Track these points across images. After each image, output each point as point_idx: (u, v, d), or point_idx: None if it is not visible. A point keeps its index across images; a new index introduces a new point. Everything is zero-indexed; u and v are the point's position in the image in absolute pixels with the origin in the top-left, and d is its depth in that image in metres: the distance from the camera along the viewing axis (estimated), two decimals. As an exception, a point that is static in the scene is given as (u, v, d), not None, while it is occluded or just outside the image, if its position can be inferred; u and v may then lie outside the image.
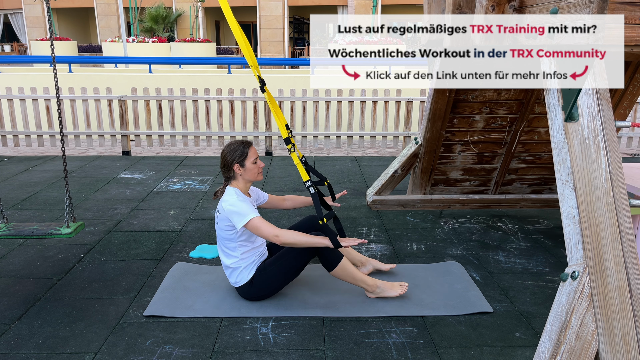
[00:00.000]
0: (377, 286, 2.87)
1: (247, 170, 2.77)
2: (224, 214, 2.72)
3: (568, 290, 2.01)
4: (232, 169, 2.76)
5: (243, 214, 2.66)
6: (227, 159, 2.75)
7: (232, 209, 2.68)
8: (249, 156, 2.76)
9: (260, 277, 2.80)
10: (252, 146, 2.81)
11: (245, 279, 2.81)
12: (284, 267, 2.79)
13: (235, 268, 2.82)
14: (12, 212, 4.39)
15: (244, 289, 2.84)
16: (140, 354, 2.40)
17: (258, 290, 2.83)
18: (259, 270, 2.81)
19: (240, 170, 2.76)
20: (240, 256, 2.80)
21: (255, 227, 2.66)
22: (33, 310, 2.79)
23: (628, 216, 2.05)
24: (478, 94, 3.99)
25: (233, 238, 2.76)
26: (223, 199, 2.76)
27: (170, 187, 5.21)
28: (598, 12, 2.06)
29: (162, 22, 23.40)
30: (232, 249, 2.80)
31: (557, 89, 2.28)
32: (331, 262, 2.77)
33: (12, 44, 26.77)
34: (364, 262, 3.20)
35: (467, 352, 2.44)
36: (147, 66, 10.33)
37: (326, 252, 2.75)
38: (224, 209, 2.72)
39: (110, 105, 6.77)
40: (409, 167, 4.45)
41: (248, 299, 2.87)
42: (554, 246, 3.76)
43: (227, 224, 2.74)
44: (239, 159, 2.74)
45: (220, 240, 2.85)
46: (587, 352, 1.95)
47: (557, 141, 2.23)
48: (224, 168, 2.79)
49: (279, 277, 2.80)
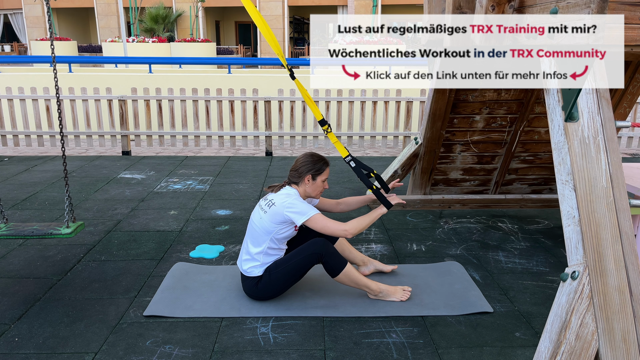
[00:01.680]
0: (380, 291, 2.87)
1: (315, 185, 2.84)
2: (279, 209, 2.74)
3: (568, 290, 2.01)
4: (303, 177, 2.81)
5: (304, 211, 2.71)
6: (304, 167, 2.81)
7: (294, 204, 2.73)
8: (323, 174, 2.84)
9: (266, 278, 2.80)
10: (329, 166, 2.89)
11: (256, 273, 2.82)
12: (288, 271, 2.79)
13: (255, 259, 2.82)
14: (12, 212, 4.39)
15: (250, 283, 2.84)
16: (140, 354, 2.40)
17: (261, 290, 2.83)
18: (267, 270, 2.81)
19: (309, 183, 2.83)
20: (265, 250, 2.81)
21: (319, 226, 2.71)
22: (33, 310, 2.79)
23: (628, 216, 2.05)
24: (478, 94, 3.99)
25: (271, 231, 2.77)
26: (282, 194, 2.80)
27: (170, 187, 5.21)
28: (598, 12, 2.05)
29: (162, 22, 23.39)
30: (263, 241, 2.80)
31: (557, 89, 2.28)
32: (335, 269, 2.78)
33: (12, 44, 26.77)
34: (366, 262, 3.20)
35: (467, 352, 2.44)
36: (147, 66, 10.34)
37: (330, 260, 2.76)
38: (282, 202, 2.75)
39: (110, 105, 6.77)
40: (409, 167, 4.45)
41: (250, 295, 2.88)
42: (554, 246, 3.76)
43: (279, 219, 2.74)
44: (315, 172, 2.82)
45: (257, 229, 2.82)
46: (587, 352, 1.95)
47: (557, 141, 2.23)
48: (296, 172, 2.83)
49: (282, 280, 2.81)
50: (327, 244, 2.78)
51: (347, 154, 2.89)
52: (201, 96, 6.76)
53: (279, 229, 2.77)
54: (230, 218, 4.30)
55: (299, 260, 2.77)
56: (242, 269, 2.88)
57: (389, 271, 3.22)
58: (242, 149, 7.30)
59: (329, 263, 2.77)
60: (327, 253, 2.75)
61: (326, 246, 2.77)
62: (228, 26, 28.71)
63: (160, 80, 8.58)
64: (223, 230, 4.02)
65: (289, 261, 2.79)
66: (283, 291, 2.88)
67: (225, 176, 5.69)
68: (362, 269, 3.17)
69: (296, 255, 2.78)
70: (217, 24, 28.11)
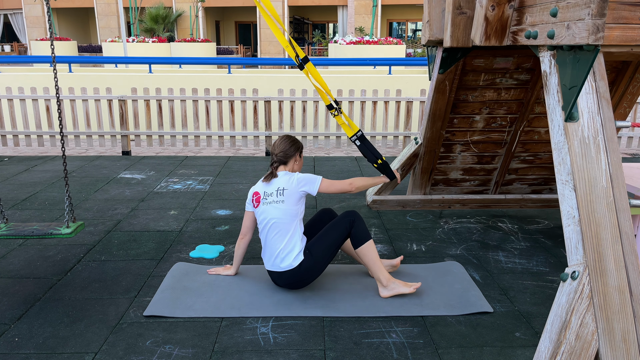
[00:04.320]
0: (392, 281, 2.92)
1: (301, 161, 3.09)
2: (294, 188, 2.90)
3: (568, 290, 2.01)
4: (294, 156, 3.01)
5: (313, 180, 2.91)
6: (292, 147, 3.00)
7: (302, 178, 2.91)
8: (302, 150, 3.09)
9: (309, 260, 2.86)
10: None
11: (296, 263, 2.86)
12: (328, 245, 2.89)
13: (293, 250, 2.86)
14: (12, 212, 4.39)
15: (291, 273, 2.88)
16: (140, 354, 2.40)
17: (306, 272, 2.87)
18: (307, 251, 2.88)
19: (299, 160, 3.06)
20: (298, 234, 2.90)
21: (327, 185, 2.92)
22: (33, 310, 2.79)
23: (628, 216, 2.05)
24: (478, 94, 3.99)
25: (297, 214, 2.90)
26: (283, 179, 2.93)
27: (170, 187, 5.21)
28: (598, 12, 2.06)
29: (162, 22, 23.39)
30: (292, 229, 2.88)
31: (557, 89, 2.28)
32: (360, 239, 2.91)
33: (12, 44, 26.77)
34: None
35: (467, 352, 2.44)
36: (147, 66, 10.33)
37: (359, 226, 2.91)
38: (293, 184, 2.90)
39: (110, 105, 6.77)
40: (409, 167, 4.45)
41: (293, 286, 2.94)
42: (554, 246, 3.76)
43: (297, 198, 2.90)
44: (300, 150, 3.05)
45: (280, 223, 2.88)
46: (587, 352, 1.95)
47: (557, 141, 2.23)
48: (286, 154, 2.99)
49: (324, 256, 2.89)
50: (357, 213, 2.95)
51: (354, 133, 3.10)
52: (201, 96, 6.76)
53: (299, 207, 2.92)
54: (230, 218, 4.30)
55: (334, 231, 2.89)
56: (281, 267, 2.89)
57: (397, 264, 3.24)
58: (242, 149, 7.31)
59: (358, 230, 2.89)
60: (358, 219, 2.91)
61: (357, 214, 2.94)
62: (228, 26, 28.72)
63: (160, 80, 8.57)
64: (223, 230, 4.02)
65: (326, 235, 2.90)
66: (324, 268, 2.94)
67: (225, 176, 5.69)
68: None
69: (330, 228, 2.91)
70: (217, 24, 28.11)
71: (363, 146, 3.11)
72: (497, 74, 3.87)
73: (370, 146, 3.12)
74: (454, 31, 3.22)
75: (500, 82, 3.93)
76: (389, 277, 2.92)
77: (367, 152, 3.10)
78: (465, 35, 3.23)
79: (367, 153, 3.10)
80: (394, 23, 28.00)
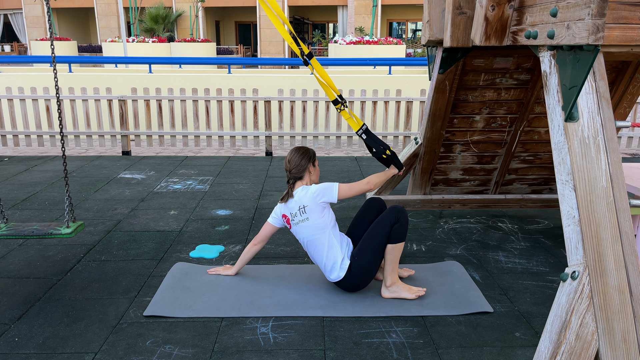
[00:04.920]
0: (397, 284, 2.92)
1: (317, 170, 3.02)
2: (313, 204, 2.86)
3: (568, 290, 2.01)
4: (307, 169, 2.95)
5: (330, 188, 2.87)
6: (304, 159, 2.95)
7: (318, 190, 2.87)
8: (316, 159, 3.02)
9: (357, 264, 2.85)
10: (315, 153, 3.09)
11: (345, 271, 2.86)
12: (374, 246, 2.85)
13: (334, 261, 2.87)
14: (12, 212, 4.39)
15: (346, 282, 2.89)
16: (140, 354, 2.40)
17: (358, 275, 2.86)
18: (352, 257, 2.87)
19: (313, 170, 2.99)
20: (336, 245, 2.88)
21: (346, 189, 2.88)
22: (33, 310, 2.79)
23: (628, 216, 2.05)
24: (478, 94, 3.99)
25: (326, 225, 2.88)
26: (302, 194, 2.89)
27: (170, 187, 5.21)
28: (598, 12, 2.05)
29: (162, 22, 23.38)
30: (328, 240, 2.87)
31: (557, 89, 2.28)
32: (394, 238, 2.84)
33: (12, 44, 26.77)
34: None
35: (467, 352, 2.44)
36: (147, 66, 10.33)
37: (403, 224, 2.85)
38: (310, 198, 2.87)
39: (110, 105, 6.77)
40: (409, 167, 4.45)
41: (351, 289, 2.94)
42: (554, 246, 3.76)
43: (319, 210, 2.87)
44: (312, 159, 2.98)
45: (312, 237, 2.89)
46: (587, 352, 1.95)
47: (557, 141, 2.23)
48: (299, 168, 2.94)
49: (373, 255, 2.85)
50: (405, 210, 2.91)
51: (359, 127, 3.11)
52: (201, 96, 6.76)
53: (326, 218, 2.88)
54: (230, 218, 4.30)
55: (381, 229, 2.85)
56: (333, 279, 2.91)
57: (406, 276, 3.18)
58: (242, 149, 7.31)
59: (399, 229, 2.84)
60: (403, 217, 2.86)
61: (404, 212, 2.89)
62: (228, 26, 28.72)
63: (160, 80, 8.57)
64: (223, 230, 4.02)
65: (372, 235, 2.86)
66: (376, 269, 2.91)
67: (225, 176, 5.69)
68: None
69: (377, 226, 2.87)
70: (217, 24, 28.10)
71: (370, 139, 3.11)
72: (497, 74, 3.87)
73: (377, 138, 3.13)
74: (454, 31, 3.22)
75: (500, 82, 3.93)
76: (396, 280, 2.91)
77: (375, 144, 3.10)
78: (465, 35, 3.23)
79: (374, 145, 3.10)
80: (394, 23, 28.00)
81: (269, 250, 3.60)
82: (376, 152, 3.10)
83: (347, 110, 3.16)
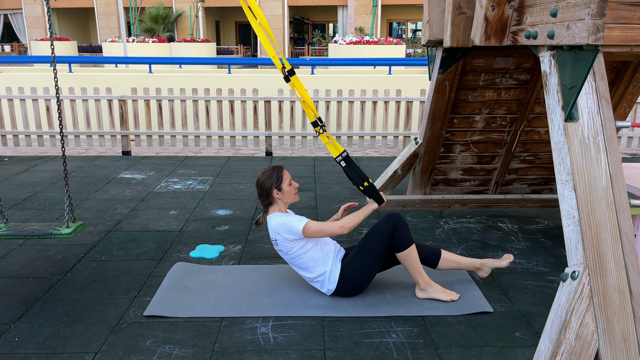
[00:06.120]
0: (430, 285, 2.88)
1: (285, 193, 2.86)
2: (281, 238, 2.80)
3: (568, 290, 2.01)
4: (271, 194, 2.84)
5: (295, 225, 2.75)
6: (265, 185, 2.84)
7: (283, 225, 2.77)
8: (284, 179, 2.85)
9: (350, 273, 2.82)
10: (284, 169, 2.91)
11: (335, 282, 2.84)
12: (368, 255, 2.81)
13: (322, 277, 2.85)
14: (12, 212, 4.39)
15: (341, 290, 2.87)
16: (140, 354, 2.40)
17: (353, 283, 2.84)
18: (345, 266, 2.83)
19: (279, 195, 2.85)
20: (320, 264, 2.84)
21: (315, 231, 2.75)
22: (33, 310, 2.79)
23: (628, 216, 2.05)
24: (478, 94, 3.99)
25: (303, 253, 2.81)
26: (271, 225, 2.83)
27: (170, 187, 5.21)
28: (598, 12, 2.06)
29: (162, 22, 23.39)
30: (308, 261, 2.83)
31: (557, 89, 2.28)
32: (401, 246, 2.79)
33: (12, 44, 26.77)
34: (479, 267, 3.06)
35: (467, 352, 2.44)
36: (147, 66, 10.33)
37: (403, 231, 2.79)
38: (277, 232, 2.80)
39: (110, 105, 6.77)
40: (409, 167, 4.45)
41: (346, 294, 2.90)
42: (554, 246, 3.76)
43: (288, 244, 2.80)
44: (276, 183, 2.83)
45: (293, 263, 2.88)
46: (587, 352, 1.95)
47: (557, 141, 2.23)
48: (263, 195, 2.86)
49: (367, 264, 2.82)
50: (401, 216, 2.83)
51: (339, 153, 2.89)
52: (201, 96, 6.76)
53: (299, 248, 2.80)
54: (230, 218, 4.30)
55: (374, 238, 2.80)
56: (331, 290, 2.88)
57: (505, 266, 3.04)
58: (242, 149, 7.31)
59: (400, 236, 2.78)
60: (401, 223, 2.79)
61: (400, 217, 2.81)
62: (228, 26, 28.72)
63: (160, 80, 8.57)
64: (223, 230, 4.02)
65: (365, 244, 2.82)
66: (373, 275, 2.86)
67: (225, 176, 5.69)
68: (480, 273, 3.06)
69: (370, 235, 2.82)
70: (217, 24, 28.10)
71: (348, 167, 2.88)
72: (497, 74, 3.87)
73: (356, 167, 2.90)
74: (454, 31, 3.22)
75: (500, 82, 3.93)
76: (428, 281, 2.88)
77: (353, 174, 2.88)
78: (465, 35, 3.23)
79: (352, 175, 2.88)
80: (394, 23, 28.01)
81: (268, 250, 3.61)
82: (354, 182, 2.90)
83: (325, 135, 2.91)
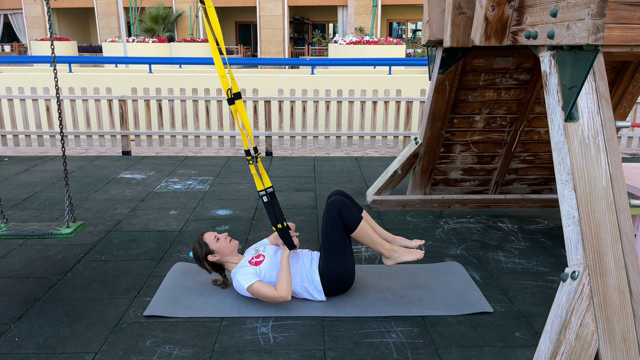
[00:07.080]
0: (394, 251, 2.90)
1: (220, 250, 2.89)
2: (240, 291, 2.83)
3: (568, 290, 2.01)
4: (212, 261, 2.90)
5: (242, 284, 2.75)
6: (201, 259, 2.90)
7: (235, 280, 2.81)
8: (208, 242, 2.89)
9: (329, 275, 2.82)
10: (204, 233, 2.95)
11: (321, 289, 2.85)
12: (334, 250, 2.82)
13: (306, 293, 2.86)
14: (12, 212, 4.39)
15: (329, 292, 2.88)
16: (140, 354, 2.40)
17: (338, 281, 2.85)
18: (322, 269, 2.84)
19: (217, 256, 2.89)
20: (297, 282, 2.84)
21: (255, 291, 2.73)
22: (33, 310, 2.79)
23: (628, 216, 2.05)
24: (478, 94, 3.99)
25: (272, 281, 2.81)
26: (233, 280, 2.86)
27: (170, 187, 5.21)
28: (598, 12, 2.06)
29: (162, 22, 23.39)
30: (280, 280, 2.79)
31: (557, 89, 2.28)
32: (351, 226, 2.82)
33: (12, 44, 26.77)
34: (390, 240, 3.11)
35: (467, 352, 2.44)
36: (147, 66, 10.33)
37: (347, 213, 2.81)
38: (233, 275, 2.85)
39: (110, 105, 6.77)
40: (409, 167, 4.45)
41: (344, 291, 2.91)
42: (554, 246, 3.76)
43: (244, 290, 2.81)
44: (205, 249, 2.88)
45: None
46: (587, 352, 1.95)
47: (557, 141, 2.23)
48: (211, 266, 2.93)
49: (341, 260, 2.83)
50: (340, 199, 2.85)
51: (264, 188, 2.86)
52: (201, 96, 6.76)
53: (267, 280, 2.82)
54: (230, 218, 4.30)
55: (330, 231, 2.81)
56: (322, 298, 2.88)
57: (415, 246, 3.05)
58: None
59: (347, 217, 2.80)
60: (343, 205, 2.81)
61: (340, 200, 2.84)
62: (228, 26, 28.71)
63: (160, 80, 8.57)
64: (223, 230, 4.02)
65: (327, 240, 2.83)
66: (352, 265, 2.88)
67: (225, 176, 5.69)
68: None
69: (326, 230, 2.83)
70: (217, 24, 28.05)
71: (269, 205, 2.85)
72: (497, 74, 3.87)
73: (277, 207, 2.87)
74: (454, 31, 3.22)
75: (500, 82, 3.93)
76: (390, 247, 2.90)
77: (271, 212, 2.85)
78: (465, 35, 3.23)
79: (270, 213, 2.86)
80: (394, 23, 28.00)
81: (269, 250, 3.60)
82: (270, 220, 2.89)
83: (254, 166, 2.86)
